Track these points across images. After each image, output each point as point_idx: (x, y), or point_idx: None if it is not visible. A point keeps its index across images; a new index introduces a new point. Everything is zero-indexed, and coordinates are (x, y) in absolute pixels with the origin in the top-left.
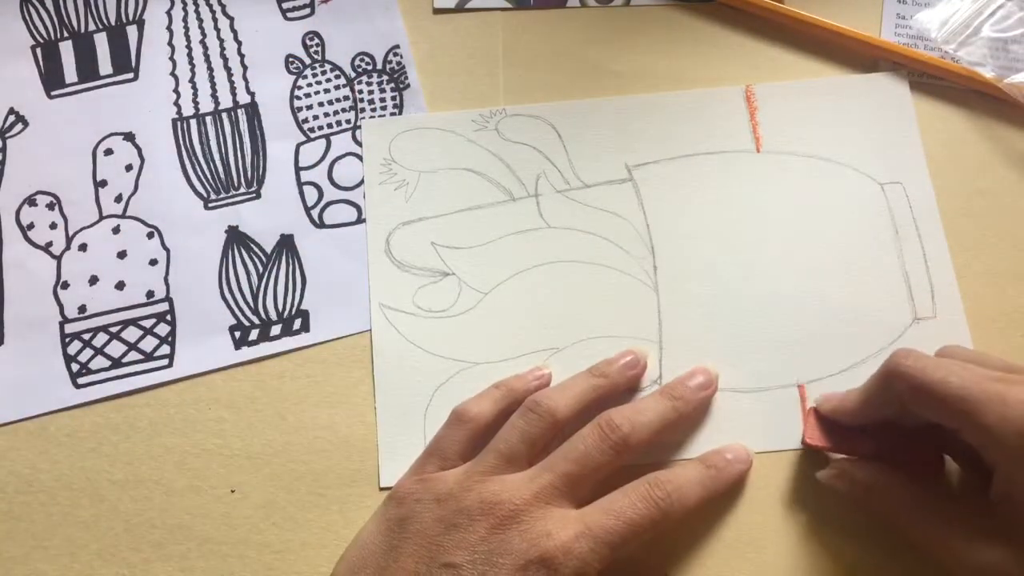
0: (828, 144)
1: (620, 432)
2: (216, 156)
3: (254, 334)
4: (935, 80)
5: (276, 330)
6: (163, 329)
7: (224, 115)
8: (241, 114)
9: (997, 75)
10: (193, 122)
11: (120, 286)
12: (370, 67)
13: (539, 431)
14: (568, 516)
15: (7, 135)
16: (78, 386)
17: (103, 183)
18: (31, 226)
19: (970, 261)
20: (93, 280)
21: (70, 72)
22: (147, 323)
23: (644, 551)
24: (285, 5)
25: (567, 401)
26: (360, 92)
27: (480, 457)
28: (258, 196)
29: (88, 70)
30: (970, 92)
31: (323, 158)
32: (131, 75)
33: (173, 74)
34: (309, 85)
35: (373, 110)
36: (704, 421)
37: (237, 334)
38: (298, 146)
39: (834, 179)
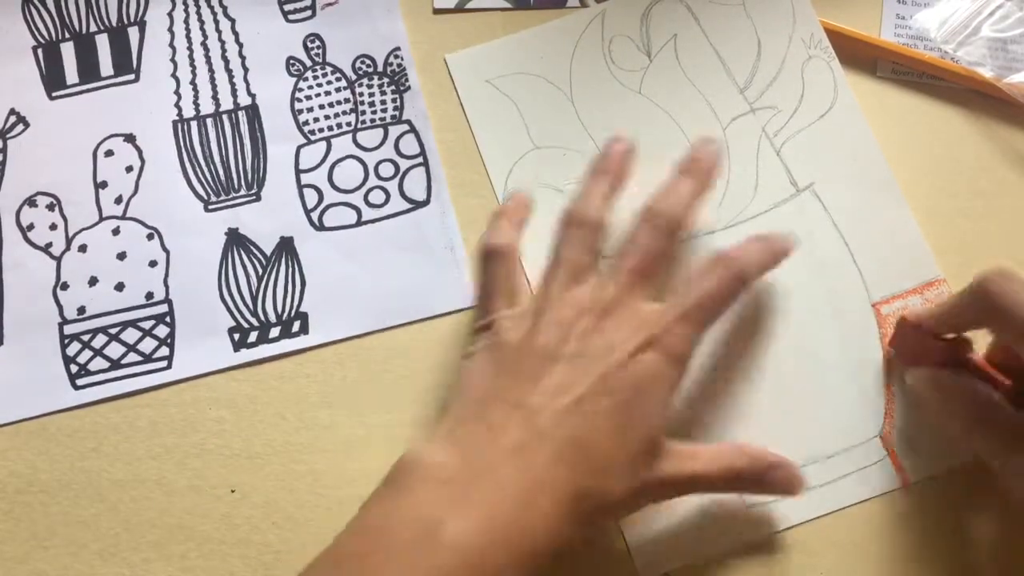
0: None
1: (662, 216)
2: (216, 158)
3: (253, 336)
4: (935, 80)
5: (275, 332)
6: (162, 331)
7: (225, 117)
8: (242, 116)
9: (996, 75)
10: (194, 124)
11: (120, 287)
12: (371, 69)
13: (592, 240)
14: (654, 308)
15: (8, 136)
16: (77, 387)
17: (103, 184)
18: (31, 227)
19: (970, 262)
20: (93, 281)
21: (71, 73)
22: (146, 325)
23: None
24: (286, 7)
25: (597, 204)
26: (360, 95)
27: (547, 280)
28: (258, 198)
29: (89, 71)
30: (970, 92)
31: (323, 160)
32: (132, 76)
33: (174, 76)
34: (310, 87)
35: (374, 112)
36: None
37: (236, 336)
38: (298, 148)
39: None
